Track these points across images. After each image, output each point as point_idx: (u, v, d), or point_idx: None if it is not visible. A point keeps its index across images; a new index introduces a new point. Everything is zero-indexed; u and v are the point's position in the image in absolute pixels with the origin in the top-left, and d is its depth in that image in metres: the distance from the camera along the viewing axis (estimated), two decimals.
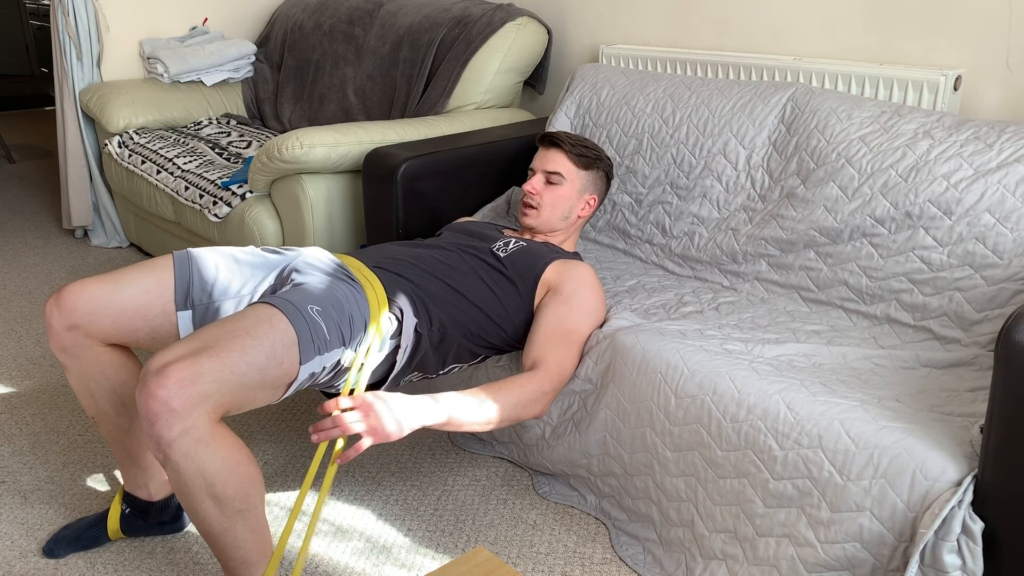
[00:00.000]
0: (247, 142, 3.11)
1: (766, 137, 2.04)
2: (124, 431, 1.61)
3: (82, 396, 1.59)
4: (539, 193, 1.94)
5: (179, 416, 1.22)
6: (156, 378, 1.22)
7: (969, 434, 1.33)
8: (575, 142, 1.96)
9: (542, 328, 1.71)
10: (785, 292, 1.89)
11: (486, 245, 1.83)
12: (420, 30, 2.90)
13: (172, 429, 1.22)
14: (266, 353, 1.32)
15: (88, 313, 1.50)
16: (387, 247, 1.79)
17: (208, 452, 1.26)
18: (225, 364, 1.27)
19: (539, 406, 1.64)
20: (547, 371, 1.65)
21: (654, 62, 2.54)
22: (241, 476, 1.30)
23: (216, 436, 1.26)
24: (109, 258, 3.32)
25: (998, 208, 1.63)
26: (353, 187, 2.42)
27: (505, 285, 1.76)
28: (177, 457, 1.24)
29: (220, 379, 1.26)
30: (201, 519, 1.31)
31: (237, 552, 1.35)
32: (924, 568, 1.24)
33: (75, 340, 1.52)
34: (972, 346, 1.61)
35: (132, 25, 3.43)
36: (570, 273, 1.78)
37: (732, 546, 1.51)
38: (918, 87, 2.00)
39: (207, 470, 1.26)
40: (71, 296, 1.50)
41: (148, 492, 1.68)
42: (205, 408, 1.25)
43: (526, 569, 1.64)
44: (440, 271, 1.71)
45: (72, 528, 1.69)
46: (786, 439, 1.41)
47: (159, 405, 1.21)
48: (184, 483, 1.27)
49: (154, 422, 1.22)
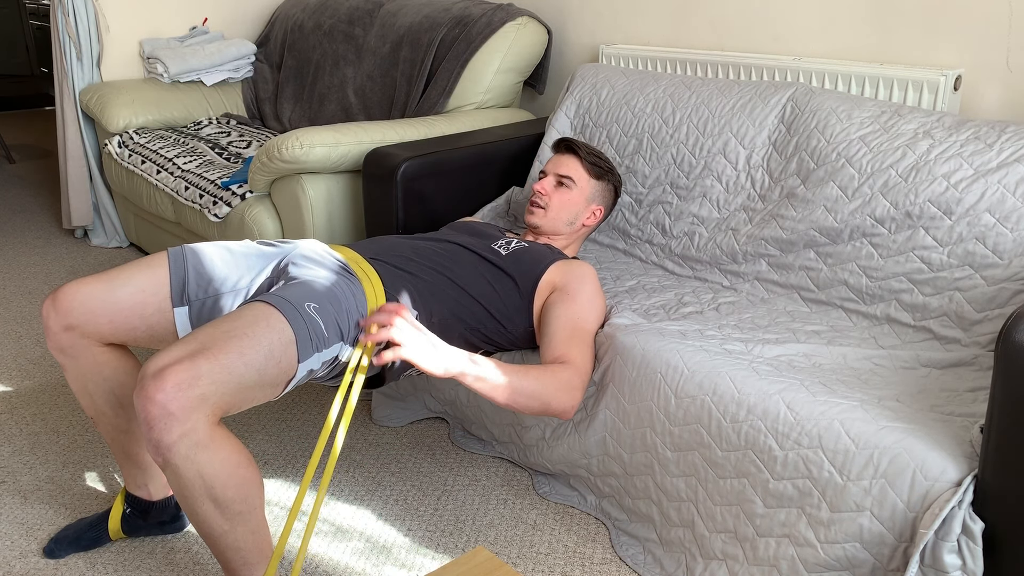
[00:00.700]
0: (247, 142, 3.11)
1: (766, 137, 2.04)
2: (123, 431, 1.61)
3: (80, 396, 1.59)
4: (548, 194, 1.95)
5: (178, 420, 1.21)
6: (154, 382, 1.21)
7: (969, 434, 1.33)
8: (590, 151, 1.99)
9: (558, 328, 1.69)
10: (785, 292, 1.89)
11: (487, 243, 1.83)
12: (420, 30, 2.90)
13: (171, 433, 1.21)
14: (264, 353, 1.31)
15: (84, 313, 1.50)
16: (386, 238, 1.78)
17: (208, 455, 1.25)
18: (223, 365, 1.26)
19: (568, 397, 1.58)
20: (575, 366, 1.63)
21: (654, 62, 2.54)
22: (241, 478, 1.30)
23: (215, 439, 1.26)
24: (109, 258, 3.32)
25: (998, 208, 1.63)
26: (353, 187, 2.42)
27: (506, 282, 1.75)
28: (177, 461, 1.24)
29: (218, 381, 1.25)
30: (201, 521, 1.31)
31: (237, 554, 1.35)
32: (924, 568, 1.24)
33: (72, 340, 1.52)
34: (972, 346, 1.61)
35: (132, 25, 3.43)
36: (574, 272, 1.77)
37: (732, 546, 1.51)
38: (918, 87, 2.00)
39: (207, 473, 1.26)
40: (67, 296, 1.50)
41: (148, 492, 1.68)
42: (204, 411, 1.24)
43: (526, 569, 1.64)
44: (440, 264, 1.70)
45: (73, 528, 1.70)
46: (786, 439, 1.41)
47: (157, 409, 1.21)
48: (184, 486, 1.27)
49: (152, 426, 1.21)
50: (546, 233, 1.96)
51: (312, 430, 2.11)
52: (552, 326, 1.70)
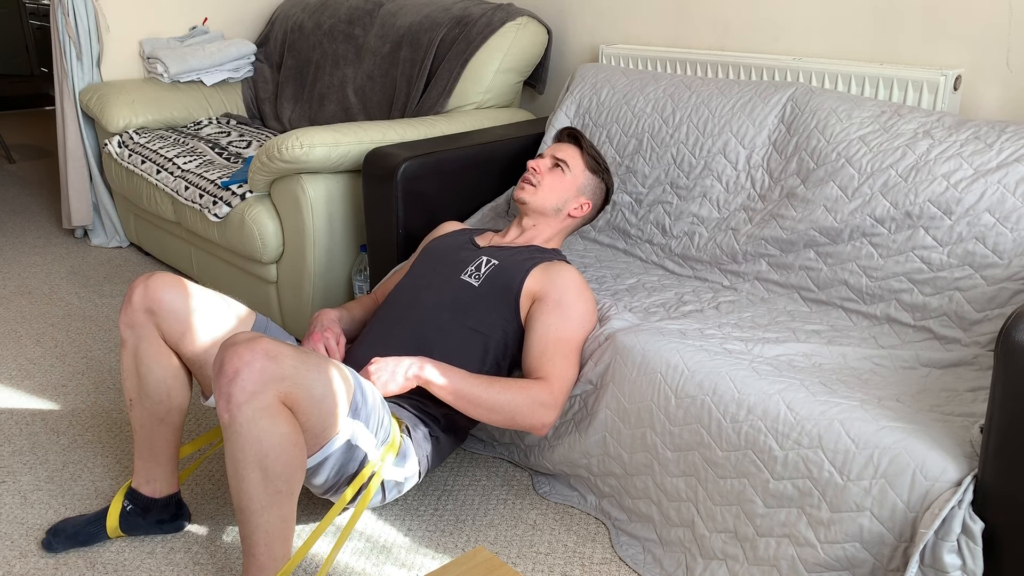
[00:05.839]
0: (247, 142, 3.11)
1: (766, 137, 2.03)
2: (159, 419, 1.64)
3: (127, 376, 1.63)
4: (542, 173, 1.94)
5: (256, 382, 1.29)
6: (247, 343, 1.31)
7: (969, 434, 1.33)
8: (591, 147, 2.00)
9: (535, 342, 1.71)
10: (785, 292, 1.89)
11: (457, 274, 1.81)
12: (420, 30, 2.90)
13: (246, 390, 1.29)
14: (332, 380, 1.39)
15: (170, 311, 1.58)
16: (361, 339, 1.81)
17: (271, 424, 1.31)
18: (304, 362, 1.35)
19: (537, 414, 1.63)
20: (547, 383, 1.66)
21: (654, 62, 2.54)
22: (293, 457, 1.35)
23: (281, 412, 1.32)
24: (109, 258, 3.32)
25: (998, 208, 1.63)
26: (353, 187, 2.42)
27: (487, 317, 1.75)
28: (242, 419, 1.30)
29: (298, 370, 1.33)
30: (244, 491, 1.35)
31: (265, 536, 1.38)
32: (924, 568, 1.24)
33: (146, 321, 1.59)
34: (972, 346, 1.61)
35: (132, 25, 3.43)
36: (553, 281, 1.75)
37: (732, 546, 1.51)
38: (918, 87, 2.00)
39: (265, 440, 1.31)
40: (162, 287, 1.58)
41: (153, 489, 1.69)
42: (279, 387, 1.31)
43: (526, 569, 1.64)
44: (421, 337, 1.73)
45: (71, 523, 1.70)
46: (786, 439, 1.41)
47: (243, 364, 1.29)
48: (240, 447, 1.32)
49: (233, 379, 1.29)
50: (531, 212, 1.93)
51: None
52: (530, 340, 1.72)
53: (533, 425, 1.64)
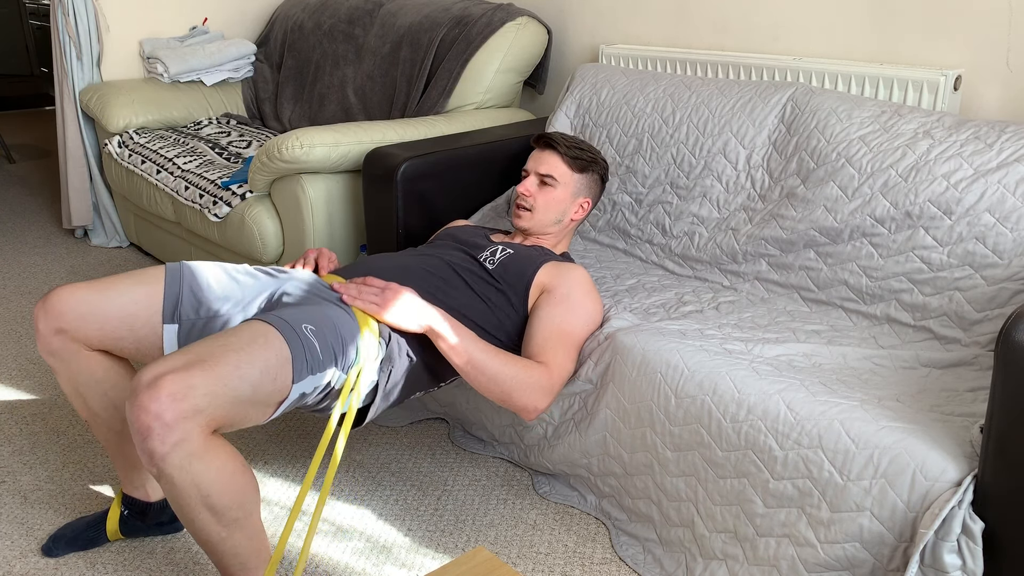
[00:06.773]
0: (247, 142, 3.11)
1: (766, 137, 2.03)
2: (117, 432, 1.61)
3: (73, 399, 1.58)
4: (532, 195, 1.91)
5: (172, 429, 1.20)
6: (148, 391, 1.20)
7: (969, 434, 1.33)
8: (570, 144, 1.94)
9: (539, 329, 1.70)
10: (785, 292, 1.89)
11: (475, 254, 1.81)
12: (420, 30, 2.90)
13: (165, 443, 1.20)
14: (260, 368, 1.30)
15: (75, 319, 1.49)
16: (376, 259, 1.78)
17: (202, 464, 1.24)
18: (219, 377, 1.25)
19: (533, 396, 1.61)
20: (547, 369, 1.65)
21: (654, 62, 2.54)
22: (237, 486, 1.29)
23: (209, 448, 1.25)
24: (109, 258, 3.32)
25: (998, 208, 1.63)
26: (353, 187, 2.42)
27: (496, 296, 1.75)
28: (171, 471, 1.22)
29: (213, 392, 1.24)
30: (198, 529, 1.31)
31: (235, 559, 1.35)
32: (924, 568, 1.24)
33: (62, 344, 1.51)
34: (972, 346, 1.61)
35: (132, 25, 3.43)
36: (563, 276, 1.76)
37: (732, 546, 1.51)
38: (918, 87, 2.00)
39: (202, 482, 1.25)
40: (58, 300, 1.49)
41: (145, 492, 1.68)
42: (198, 421, 1.23)
43: (526, 569, 1.64)
44: (431, 286, 1.70)
45: (71, 527, 1.69)
46: (786, 439, 1.41)
47: (151, 419, 1.19)
48: (179, 496, 1.26)
49: (147, 436, 1.20)
50: (535, 234, 1.94)
51: (312, 429, 2.11)
52: (534, 327, 1.71)
53: (526, 406, 1.61)
